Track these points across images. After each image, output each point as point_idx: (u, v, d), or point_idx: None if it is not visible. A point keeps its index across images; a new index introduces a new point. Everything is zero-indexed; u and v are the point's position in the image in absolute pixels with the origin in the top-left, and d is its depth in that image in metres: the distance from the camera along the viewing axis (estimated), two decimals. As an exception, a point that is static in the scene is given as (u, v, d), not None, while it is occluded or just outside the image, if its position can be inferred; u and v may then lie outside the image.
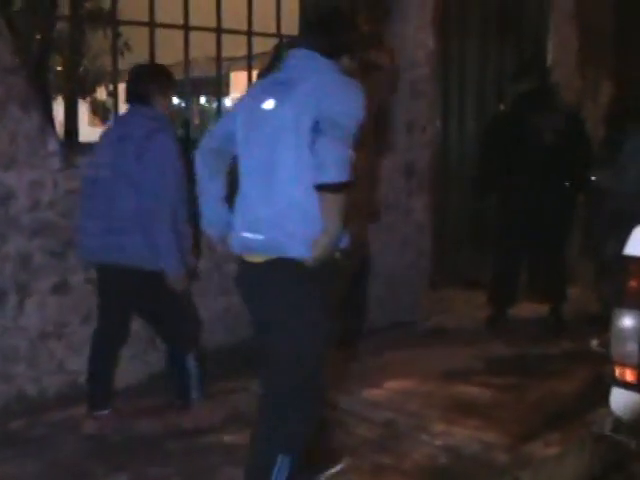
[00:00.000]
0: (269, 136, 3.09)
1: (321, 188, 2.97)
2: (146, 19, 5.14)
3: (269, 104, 3.13)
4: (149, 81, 4.35)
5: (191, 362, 4.47)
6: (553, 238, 6.37)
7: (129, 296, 4.37)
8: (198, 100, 10.88)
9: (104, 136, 4.40)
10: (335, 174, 2.95)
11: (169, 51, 5.68)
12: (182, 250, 4.19)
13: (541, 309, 6.61)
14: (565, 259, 6.59)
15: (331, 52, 3.24)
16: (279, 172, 3.05)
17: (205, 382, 4.56)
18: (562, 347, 5.99)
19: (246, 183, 3.22)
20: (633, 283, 3.04)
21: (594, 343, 3.51)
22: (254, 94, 3.32)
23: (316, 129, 2.96)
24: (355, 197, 3.12)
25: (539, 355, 5.86)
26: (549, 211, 6.20)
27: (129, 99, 4.34)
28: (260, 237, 3.10)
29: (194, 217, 3.89)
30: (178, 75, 5.61)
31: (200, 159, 3.46)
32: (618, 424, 3.07)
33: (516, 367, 5.57)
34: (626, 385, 3.08)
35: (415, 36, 6.28)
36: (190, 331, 4.64)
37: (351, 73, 3.24)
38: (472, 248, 7.61)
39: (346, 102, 3.02)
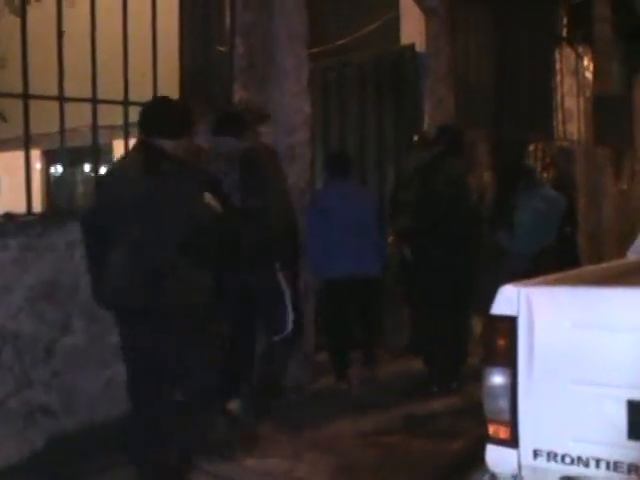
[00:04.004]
0: None
1: None
2: (20, 89, 5.07)
3: None
4: (349, 161, 6.98)
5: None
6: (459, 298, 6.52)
7: (357, 297, 6.77)
8: (82, 169, 10.75)
9: (329, 197, 6.66)
10: None
11: (48, 119, 5.60)
12: None
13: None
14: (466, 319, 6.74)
15: None
16: None
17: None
18: (453, 403, 6.07)
19: None
20: (501, 341, 3.12)
21: None
22: None
23: None
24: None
25: (429, 413, 5.91)
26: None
27: (335, 174, 6.75)
28: None
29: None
30: (56, 144, 5.58)
31: None
32: (494, 481, 3.12)
33: (404, 426, 5.61)
34: (499, 442, 3.15)
35: (291, 102, 6.37)
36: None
37: None
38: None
39: None
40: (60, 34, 5.22)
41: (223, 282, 4.68)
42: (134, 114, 5.60)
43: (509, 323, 3.10)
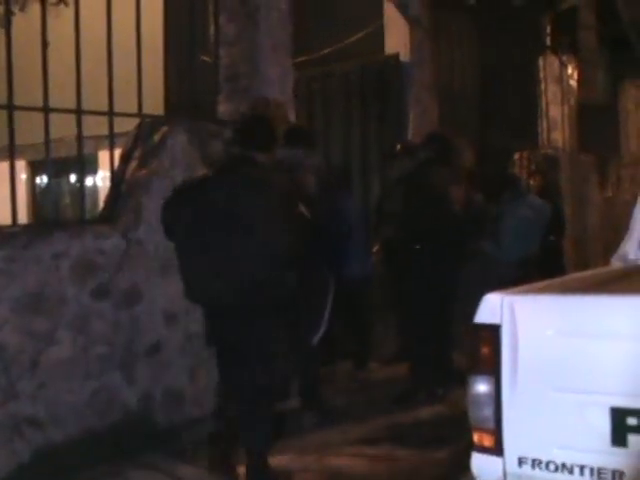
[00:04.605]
0: None
1: None
2: (5, 100, 5.06)
3: None
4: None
5: None
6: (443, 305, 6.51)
7: (353, 298, 7.05)
8: (67, 179, 10.74)
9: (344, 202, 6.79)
10: None
11: (33, 130, 5.59)
12: None
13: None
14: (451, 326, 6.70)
15: None
16: None
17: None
18: (439, 411, 6.06)
19: None
20: (485, 350, 3.13)
21: None
22: None
23: None
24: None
25: (415, 421, 5.90)
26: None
27: (336, 186, 6.83)
28: None
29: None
30: (41, 155, 5.57)
31: None
32: (479, 489, 3.13)
33: (391, 435, 5.59)
34: (485, 449, 3.16)
35: (275, 112, 6.37)
36: None
37: None
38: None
39: None
40: (45, 44, 5.21)
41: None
42: (119, 124, 5.65)
43: (493, 331, 3.11)
